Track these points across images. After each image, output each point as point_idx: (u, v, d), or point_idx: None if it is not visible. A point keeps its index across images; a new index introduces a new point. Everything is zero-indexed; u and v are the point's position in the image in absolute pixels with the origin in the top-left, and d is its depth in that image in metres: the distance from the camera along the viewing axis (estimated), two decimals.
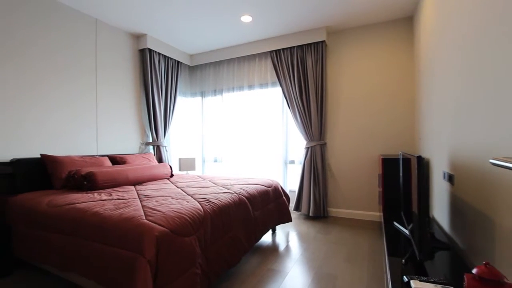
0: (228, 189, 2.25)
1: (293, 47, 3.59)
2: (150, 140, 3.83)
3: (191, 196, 1.98)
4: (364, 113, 3.37)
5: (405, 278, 1.17)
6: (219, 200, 1.89)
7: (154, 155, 3.80)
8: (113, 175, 2.42)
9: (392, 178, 2.66)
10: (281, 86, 3.63)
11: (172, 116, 4.04)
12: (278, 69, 3.66)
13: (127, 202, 1.80)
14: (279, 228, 3.02)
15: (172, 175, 3.19)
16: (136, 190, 2.28)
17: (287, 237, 2.75)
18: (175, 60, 4.12)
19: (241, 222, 2.02)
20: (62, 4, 2.79)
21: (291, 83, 3.55)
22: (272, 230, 2.90)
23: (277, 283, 1.84)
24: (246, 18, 3.16)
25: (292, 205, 3.76)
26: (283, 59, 3.62)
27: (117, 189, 2.32)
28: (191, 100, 4.63)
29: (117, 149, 3.39)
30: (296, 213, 3.68)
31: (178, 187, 2.41)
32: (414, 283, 1.09)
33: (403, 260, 1.41)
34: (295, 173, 3.80)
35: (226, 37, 3.73)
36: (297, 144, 3.79)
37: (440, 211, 2.04)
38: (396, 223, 2.05)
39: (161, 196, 1.98)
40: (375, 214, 3.30)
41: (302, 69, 3.51)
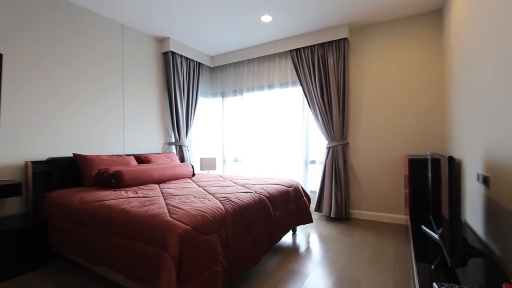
0: (248, 189, 2.26)
1: (313, 46, 3.53)
2: (173, 140, 3.94)
3: (213, 195, 2.01)
4: (389, 111, 3.24)
5: (435, 285, 1.11)
6: (240, 200, 1.91)
7: (177, 154, 3.90)
8: (139, 174, 2.52)
9: (420, 179, 2.54)
10: (302, 85, 3.59)
11: (193, 117, 4.14)
12: (298, 68, 3.62)
13: (152, 200, 1.87)
14: (300, 229, 2.99)
15: (193, 174, 3.26)
16: (160, 188, 2.36)
17: (308, 238, 2.71)
18: (196, 61, 4.22)
19: (262, 222, 2.02)
20: (92, 12, 2.95)
21: (311, 82, 3.50)
22: (292, 231, 2.88)
23: (298, 284, 1.82)
24: (266, 18, 3.16)
25: (312, 206, 3.71)
26: (303, 58, 3.58)
27: (142, 187, 2.41)
28: (212, 101, 4.71)
29: (142, 149, 3.53)
30: (317, 214, 3.62)
31: (199, 186, 2.46)
32: None
33: (432, 266, 1.34)
34: (316, 173, 3.74)
35: (246, 38, 3.75)
36: (318, 144, 3.72)
37: (473, 215, 1.92)
38: (424, 227, 1.95)
39: (184, 195, 2.04)
40: (401, 217, 3.17)
41: (323, 68, 3.44)
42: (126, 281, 1.63)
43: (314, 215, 3.56)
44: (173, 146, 3.96)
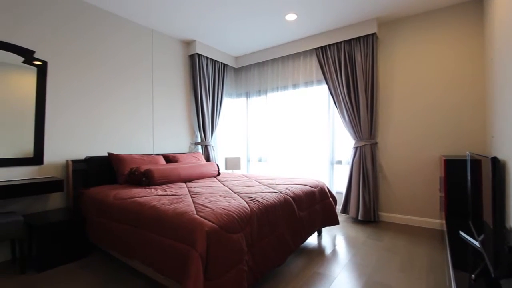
0: (273, 189, 2.25)
1: (340, 43, 3.43)
2: (199, 140, 4.04)
3: (238, 195, 2.04)
4: (422, 109, 3.06)
5: None
6: (265, 199, 1.91)
7: (202, 154, 4.00)
8: (167, 172, 2.62)
9: (457, 181, 2.37)
10: (327, 84, 3.50)
11: (218, 117, 4.21)
12: (324, 66, 3.55)
13: (180, 198, 1.93)
14: (326, 231, 2.93)
15: (219, 174, 3.32)
16: (187, 187, 2.43)
17: (334, 240, 2.64)
18: (221, 63, 4.29)
19: (287, 222, 2.01)
20: (125, 19, 3.12)
21: (338, 80, 3.41)
22: (318, 232, 2.83)
23: (323, 287, 1.78)
24: (291, 17, 3.13)
25: (339, 207, 3.61)
26: (329, 55, 3.49)
27: (171, 185, 2.50)
28: (237, 101, 4.76)
29: (170, 148, 3.67)
30: (343, 216, 3.52)
31: (225, 185, 2.50)
32: None
33: (473, 276, 1.24)
34: (342, 174, 3.63)
35: (271, 37, 3.74)
36: (345, 144, 3.62)
37: None
38: (462, 233, 1.82)
39: (210, 194, 2.08)
40: (435, 222, 2.98)
41: (350, 65, 3.34)
42: (156, 275, 1.70)
43: (341, 217, 3.46)
44: (199, 146, 4.06)
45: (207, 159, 4.02)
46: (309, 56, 3.86)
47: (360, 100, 3.24)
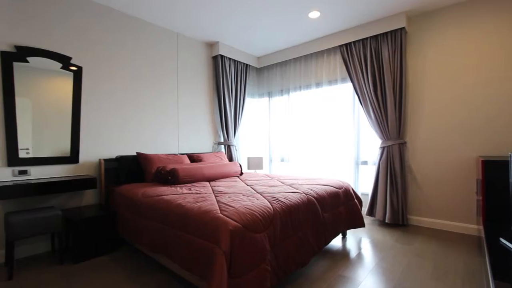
0: (296, 189, 2.23)
1: (365, 39, 3.31)
2: (222, 140, 4.10)
3: (261, 194, 2.04)
4: (457, 106, 2.87)
5: None
6: (288, 200, 1.89)
7: (225, 154, 4.06)
8: (192, 172, 2.68)
9: (497, 184, 2.18)
10: (352, 82, 3.40)
11: (241, 117, 4.25)
12: (348, 63, 3.45)
13: (204, 196, 1.97)
14: (350, 233, 2.84)
15: (241, 173, 3.35)
16: (210, 186, 2.48)
17: (359, 243, 2.56)
18: (243, 63, 4.32)
19: (310, 223, 1.98)
20: (151, 24, 3.25)
21: (363, 77, 3.29)
22: (342, 234, 2.75)
23: None
24: (314, 14, 3.07)
25: (364, 209, 3.49)
26: (354, 52, 3.38)
27: (195, 184, 2.57)
28: (259, 101, 4.77)
29: (194, 148, 3.76)
30: (369, 218, 3.39)
31: (247, 185, 2.52)
32: None
33: None
34: (368, 174, 3.50)
35: (293, 36, 3.70)
36: (371, 144, 3.49)
37: None
38: (503, 240, 1.68)
39: (233, 193, 2.10)
40: (471, 227, 2.78)
41: (376, 62, 3.21)
42: (182, 271, 1.75)
43: (366, 219, 3.34)
44: (222, 146, 4.12)
45: (230, 158, 4.07)
46: (333, 54, 3.77)
47: (387, 98, 3.10)
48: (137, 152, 2.90)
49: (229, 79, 4.02)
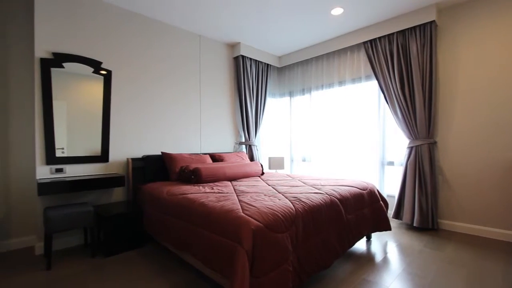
0: (318, 189, 2.19)
1: (391, 34, 3.18)
2: (243, 140, 4.13)
3: (282, 194, 2.03)
4: (493, 104, 2.66)
5: None
6: (310, 200, 1.87)
7: (246, 153, 4.08)
8: (214, 171, 2.73)
9: None
10: (377, 79, 3.28)
11: (262, 117, 4.25)
12: (373, 60, 3.32)
13: (226, 196, 2.00)
14: (375, 236, 2.74)
15: (262, 173, 3.35)
16: (232, 185, 2.51)
17: (385, 247, 2.46)
18: (265, 63, 4.32)
19: (333, 225, 1.93)
20: (174, 27, 3.35)
21: (389, 74, 3.16)
22: (367, 238, 2.66)
23: None
24: (337, 11, 3.00)
25: (390, 212, 3.35)
26: (379, 48, 3.26)
27: (217, 183, 2.61)
28: (280, 101, 4.75)
29: (215, 148, 3.83)
30: (396, 221, 3.25)
31: (269, 185, 2.51)
32: None
33: None
34: (394, 175, 3.36)
35: (315, 34, 3.64)
36: (397, 143, 3.34)
37: None
38: None
39: (255, 193, 2.11)
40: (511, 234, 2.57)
41: (403, 58, 3.07)
42: (205, 268, 1.79)
43: (393, 222, 3.21)
44: (243, 146, 4.15)
45: (251, 158, 4.09)
46: (357, 51, 3.65)
47: (415, 95, 2.95)
48: (162, 152, 3.01)
49: (250, 79, 4.04)
